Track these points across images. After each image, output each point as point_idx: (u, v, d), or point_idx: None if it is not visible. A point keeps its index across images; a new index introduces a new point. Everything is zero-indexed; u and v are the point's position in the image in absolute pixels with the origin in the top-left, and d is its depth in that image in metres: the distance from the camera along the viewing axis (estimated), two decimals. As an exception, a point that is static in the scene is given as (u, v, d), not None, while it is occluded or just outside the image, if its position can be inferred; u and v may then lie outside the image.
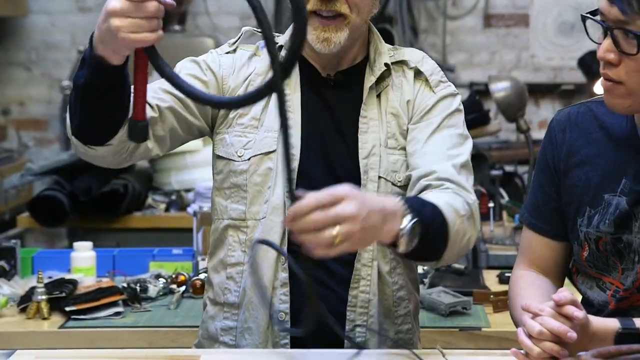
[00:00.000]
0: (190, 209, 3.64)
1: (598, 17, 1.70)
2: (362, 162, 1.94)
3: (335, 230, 1.53)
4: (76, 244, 2.88)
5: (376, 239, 1.66)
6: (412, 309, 2.03)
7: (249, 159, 1.96)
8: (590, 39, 1.75)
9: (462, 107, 2.01)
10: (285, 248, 1.93)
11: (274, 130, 1.96)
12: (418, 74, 2.01)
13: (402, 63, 2.02)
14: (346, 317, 1.94)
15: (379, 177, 1.94)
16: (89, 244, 2.88)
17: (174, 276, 2.85)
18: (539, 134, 4.66)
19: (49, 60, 5.57)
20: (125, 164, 1.95)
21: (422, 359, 1.75)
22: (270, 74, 1.92)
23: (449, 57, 5.38)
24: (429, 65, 2.03)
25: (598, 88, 3.85)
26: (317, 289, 1.85)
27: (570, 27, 5.30)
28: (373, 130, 1.96)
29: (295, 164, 1.93)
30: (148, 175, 4.15)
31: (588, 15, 1.72)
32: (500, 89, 3.67)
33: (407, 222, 1.65)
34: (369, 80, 1.98)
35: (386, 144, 1.96)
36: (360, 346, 1.86)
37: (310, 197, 1.54)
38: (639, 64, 1.65)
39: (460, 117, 1.99)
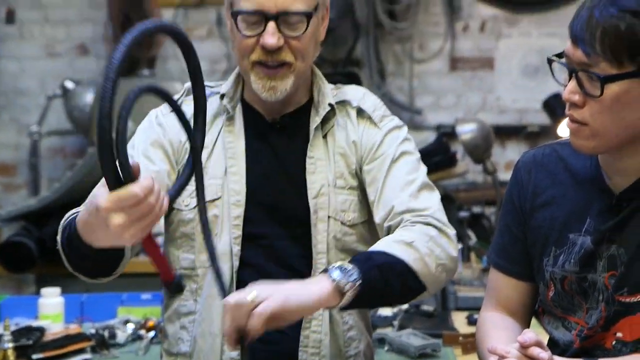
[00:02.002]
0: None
1: (563, 60, 1.72)
2: (311, 202, 1.93)
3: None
4: (44, 290, 2.86)
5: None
6: (364, 349, 2.02)
7: (194, 207, 1.95)
8: (557, 80, 1.77)
9: (410, 136, 2.04)
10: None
11: (218, 177, 1.95)
12: (360, 112, 2.01)
13: (344, 103, 2.02)
14: (298, 358, 1.93)
15: (329, 217, 1.94)
16: (57, 289, 2.86)
17: (142, 321, 2.83)
18: (505, 175, 4.69)
19: (18, 105, 5.54)
20: None
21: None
22: (215, 122, 1.98)
23: (416, 100, 5.43)
24: (370, 102, 2.03)
25: (562, 129, 3.88)
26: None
27: (534, 70, 5.36)
28: (321, 170, 1.96)
29: (240, 210, 1.93)
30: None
31: (554, 57, 1.74)
32: (466, 131, 3.71)
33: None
34: (314, 121, 1.99)
35: (335, 184, 1.96)
36: None
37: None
38: (603, 105, 1.66)
39: (411, 144, 2.02)
